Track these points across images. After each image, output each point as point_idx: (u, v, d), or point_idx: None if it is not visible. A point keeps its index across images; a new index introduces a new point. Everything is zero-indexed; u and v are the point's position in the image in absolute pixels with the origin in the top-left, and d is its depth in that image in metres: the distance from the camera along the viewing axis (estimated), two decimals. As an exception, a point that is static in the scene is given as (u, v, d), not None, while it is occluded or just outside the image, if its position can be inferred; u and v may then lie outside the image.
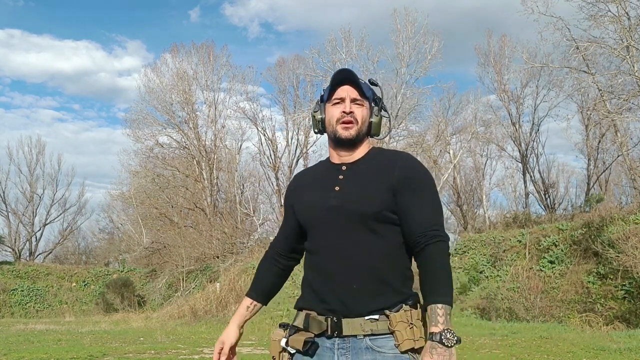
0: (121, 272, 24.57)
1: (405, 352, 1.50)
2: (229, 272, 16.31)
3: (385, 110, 1.78)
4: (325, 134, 1.77)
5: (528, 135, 23.74)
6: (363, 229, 1.56)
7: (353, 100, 1.67)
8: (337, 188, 1.64)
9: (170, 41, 61.59)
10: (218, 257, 19.77)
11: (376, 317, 1.52)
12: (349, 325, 1.53)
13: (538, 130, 23.64)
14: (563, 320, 10.81)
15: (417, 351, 1.50)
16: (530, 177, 23.83)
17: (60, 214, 31.81)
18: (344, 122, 1.66)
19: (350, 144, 1.68)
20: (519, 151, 23.90)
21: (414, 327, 1.51)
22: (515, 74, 21.70)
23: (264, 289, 1.85)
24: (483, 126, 26.12)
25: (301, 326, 1.61)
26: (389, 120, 1.84)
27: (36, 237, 30.75)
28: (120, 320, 16.59)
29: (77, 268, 25.80)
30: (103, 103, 51.61)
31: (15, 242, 29.15)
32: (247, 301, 1.83)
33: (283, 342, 1.63)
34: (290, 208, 1.78)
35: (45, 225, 31.06)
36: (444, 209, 32.87)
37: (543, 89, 22.72)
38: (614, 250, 11.11)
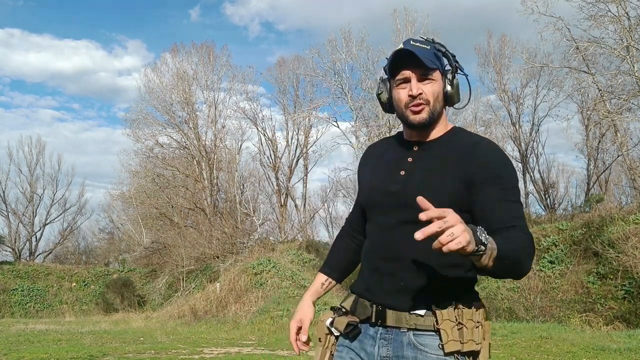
0: (121, 272, 24.56)
1: (451, 353, 1.36)
2: (229, 272, 16.31)
3: (462, 71, 1.53)
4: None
5: (528, 135, 23.74)
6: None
7: (420, 79, 1.46)
8: (402, 172, 1.49)
9: (171, 40, 61.69)
10: (218, 257, 19.77)
11: (422, 312, 1.40)
12: (393, 316, 1.44)
13: (538, 130, 23.64)
14: (563, 320, 10.81)
15: (467, 354, 1.37)
16: (530, 177, 23.83)
17: (60, 214, 31.85)
18: (413, 106, 1.46)
19: (424, 127, 1.48)
20: (519, 151, 23.89)
21: (464, 327, 1.36)
22: (515, 74, 21.71)
23: (339, 265, 1.73)
24: (483, 126, 26.11)
25: (349, 309, 1.54)
26: (468, 83, 1.58)
27: (36, 237, 30.79)
28: (120, 320, 16.59)
29: (77, 268, 25.79)
30: (103, 103, 51.64)
31: (15, 242, 29.15)
32: (322, 277, 1.71)
33: (328, 322, 1.56)
34: (360, 184, 1.66)
35: (45, 225, 31.10)
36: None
37: (543, 89, 22.73)
38: (614, 250, 11.11)
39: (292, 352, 8.49)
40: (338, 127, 23.94)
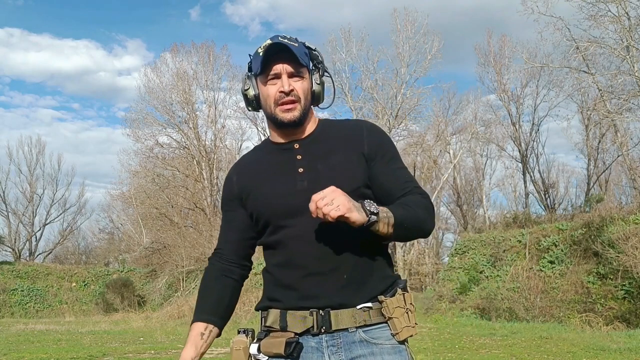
0: (121, 272, 24.56)
1: (403, 340, 1.36)
2: (229, 272, 16.31)
3: (327, 73, 1.51)
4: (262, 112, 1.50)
5: (528, 135, 23.76)
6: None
7: (291, 75, 1.41)
8: (300, 170, 1.42)
9: (171, 40, 61.73)
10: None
11: (369, 305, 1.35)
12: (339, 317, 1.33)
13: (538, 130, 23.67)
14: (563, 320, 10.81)
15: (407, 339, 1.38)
16: (530, 177, 23.85)
17: (60, 214, 31.85)
18: (284, 104, 1.40)
19: (295, 125, 1.43)
20: (519, 151, 23.91)
21: (409, 312, 1.37)
22: (515, 74, 21.73)
23: (219, 309, 1.49)
24: (483, 126, 26.15)
25: (276, 326, 1.38)
26: (333, 84, 1.57)
27: (36, 237, 30.80)
28: (120, 320, 16.59)
29: (77, 268, 25.79)
30: (103, 102, 51.60)
31: (15, 242, 29.17)
32: (200, 326, 1.45)
33: (254, 349, 1.38)
34: (239, 206, 1.50)
35: (45, 225, 31.10)
36: (444, 209, 32.88)
37: (543, 89, 22.75)
38: (614, 250, 11.11)
39: None
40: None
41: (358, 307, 1.35)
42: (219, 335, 1.50)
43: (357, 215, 1.24)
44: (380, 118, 22.93)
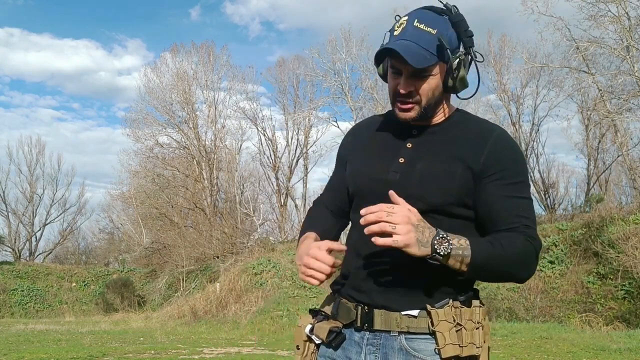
0: (121, 272, 24.57)
1: (448, 359, 1.21)
2: (229, 272, 16.31)
3: (471, 55, 1.32)
4: None
5: (528, 135, 23.73)
6: (426, 214, 1.23)
7: (413, 75, 1.27)
8: (401, 160, 1.32)
9: (171, 40, 61.77)
10: (218, 257, 19.77)
11: (415, 313, 1.25)
12: (382, 318, 1.27)
13: (538, 130, 23.64)
14: (563, 321, 10.82)
15: (468, 359, 1.23)
16: (530, 177, 23.82)
17: (60, 214, 31.84)
18: (400, 103, 1.30)
19: (412, 122, 1.33)
20: (519, 151, 23.88)
21: (463, 329, 1.22)
22: (515, 74, 21.73)
23: (325, 231, 1.44)
24: (483, 126, 26.14)
25: (330, 313, 1.37)
26: (478, 73, 1.36)
27: (36, 237, 30.79)
28: (120, 321, 16.60)
29: (77, 268, 25.80)
30: (103, 102, 51.57)
31: (15, 242, 29.16)
32: (313, 235, 1.42)
33: (307, 330, 1.38)
34: (343, 165, 1.46)
35: (45, 225, 31.09)
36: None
37: (543, 89, 22.71)
38: (614, 251, 11.11)
39: (292, 353, 8.47)
40: (338, 127, 23.96)
41: (402, 313, 1.26)
42: None
43: (416, 250, 1.14)
44: (380, 118, 22.94)
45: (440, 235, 1.15)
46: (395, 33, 1.29)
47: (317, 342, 1.37)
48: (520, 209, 1.26)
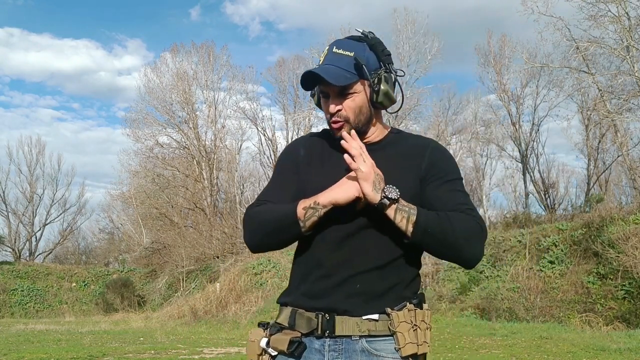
0: (121, 272, 24.57)
1: (407, 357, 1.33)
2: (229, 272, 16.31)
3: (392, 72, 1.44)
4: None
5: (528, 135, 23.74)
6: (382, 225, 1.35)
7: (339, 94, 1.39)
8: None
9: (171, 40, 61.80)
10: (218, 257, 19.77)
11: (375, 316, 1.34)
12: (343, 323, 1.34)
13: (538, 130, 23.65)
14: (563, 321, 10.81)
15: (420, 357, 1.36)
16: (530, 177, 23.84)
17: (60, 214, 31.84)
18: (332, 122, 1.42)
19: None
20: (519, 151, 23.90)
21: (418, 329, 1.34)
22: (515, 74, 21.73)
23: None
24: (483, 126, 26.14)
25: (286, 324, 1.40)
26: (400, 85, 1.48)
27: (36, 237, 30.79)
28: (120, 321, 16.60)
29: (77, 268, 25.80)
30: (103, 102, 51.63)
31: (15, 242, 29.15)
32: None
33: (263, 343, 1.41)
34: (295, 175, 1.48)
35: (45, 225, 31.09)
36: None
37: (543, 89, 22.73)
38: (614, 251, 11.11)
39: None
40: (338, 127, 23.95)
41: (364, 317, 1.35)
42: None
43: (369, 189, 1.31)
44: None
45: (392, 185, 1.32)
46: (320, 62, 1.43)
47: (274, 354, 1.40)
48: (461, 199, 1.40)
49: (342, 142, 1.35)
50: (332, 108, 1.40)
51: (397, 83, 1.46)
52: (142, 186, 27.00)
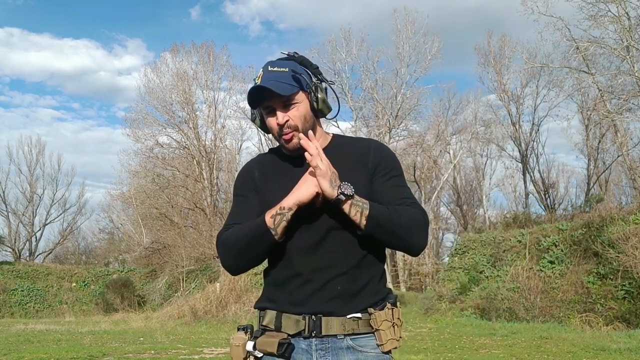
0: (121, 272, 24.57)
1: (387, 352, 1.45)
2: (229, 272, 16.29)
3: (324, 82, 1.55)
4: None
5: (528, 135, 23.76)
6: (348, 228, 1.44)
7: (285, 105, 1.48)
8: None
9: (171, 40, 61.82)
10: (218, 257, 19.76)
11: (358, 315, 1.44)
12: (329, 324, 1.42)
13: (538, 130, 23.67)
14: (563, 321, 10.81)
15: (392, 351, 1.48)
16: (530, 177, 23.85)
17: (60, 214, 31.84)
18: (283, 134, 1.48)
19: (300, 151, 1.47)
20: (519, 151, 23.91)
21: (396, 326, 1.45)
22: (515, 74, 21.73)
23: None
24: (483, 126, 26.16)
25: (272, 326, 1.45)
26: (335, 94, 1.60)
27: (36, 237, 30.79)
28: (120, 321, 16.59)
29: (77, 268, 25.80)
30: (103, 102, 51.68)
31: (15, 242, 29.16)
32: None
33: (249, 346, 1.45)
34: (255, 195, 1.55)
35: (45, 225, 31.09)
36: (444, 209, 32.86)
37: (543, 89, 22.75)
38: (614, 251, 11.11)
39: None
40: (338, 127, 23.89)
41: (348, 316, 1.43)
42: None
43: (327, 185, 1.38)
44: (380, 118, 22.93)
45: (347, 182, 1.40)
46: (256, 83, 1.49)
47: (259, 356, 1.45)
48: (405, 193, 1.51)
49: (302, 141, 1.42)
50: (282, 118, 1.47)
51: (333, 91, 1.59)
52: (142, 186, 27.00)
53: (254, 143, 28.33)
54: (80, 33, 53.23)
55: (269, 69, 1.50)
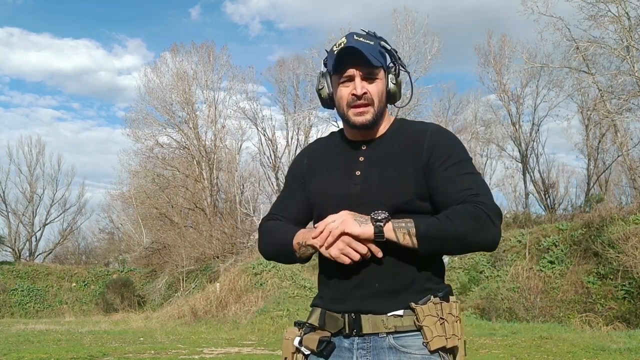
0: (121, 272, 24.56)
1: (435, 351, 1.32)
2: (229, 272, 16.31)
3: (405, 70, 1.50)
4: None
5: (528, 135, 23.74)
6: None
7: (365, 77, 1.40)
8: (357, 172, 1.43)
9: (171, 39, 61.83)
10: (218, 257, 19.77)
11: (400, 312, 1.35)
12: (369, 322, 1.36)
13: (538, 130, 23.64)
14: (563, 321, 10.81)
15: (450, 351, 1.34)
16: (530, 177, 23.83)
17: (60, 214, 31.82)
18: (355, 107, 1.41)
19: (367, 128, 1.44)
20: (519, 151, 23.90)
21: (446, 322, 1.33)
22: (515, 74, 21.72)
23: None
24: (483, 126, 26.15)
25: (316, 324, 1.43)
26: (411, 82, 1.58)
27: (36, 237, 30.78)
28: (120, 321, 16.60)
29: (77, 268, 25.79)
30: (103, 102, 51.61)
31: (15, 242, 29.14)
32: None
33: (296, 342, 1.45)
34: (301, 184, 1.54)
35: (45, 225, 31.07)
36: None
37: (543, 89, 22.73)
38: (614, 251, 11.11)
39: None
40: (338, 127, 23.89)
41: (389, 314, 1.36)
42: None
43: (356, 227, 1.29)
44: (380, 118, 22.92)
45: (377, 211, 1.31)
46: (335, 49, 1.42)
47: (307, 352, 1.43)
48: (465, 184, 1.35)
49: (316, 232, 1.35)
50: (360, 89, 1.39)
51: (410, 79, 1.52)
52: (142, 186, 27.00)
53: (254, 143, 28.36)
54: (80, 33, 53.28)
55: (355, 38, 1.41)
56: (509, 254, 14.04)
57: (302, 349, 1.43)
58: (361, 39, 1.41)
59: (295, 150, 26.38)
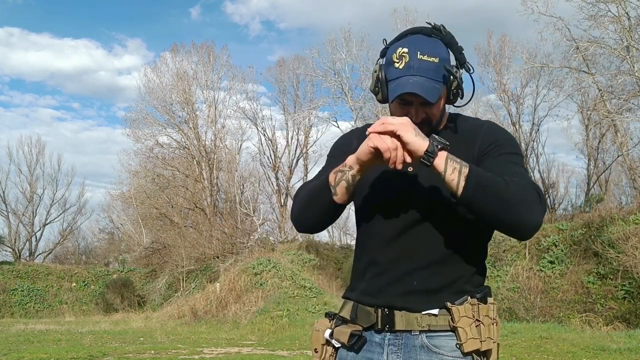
0: (121, 272, 24.56)
1: (469, 353, 1.28)
2: (229, 272, 16.31)
3: (468, 71, 1.38)
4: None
5: (528, 135, 23.72)
6: (437, 219, 1.34)
7: (423, 104, 1.33)
8: (410, 168, 1.37)
9: (171, 39, 61.84)
10: (218, 257, 19.77)
11: (435, 311, 1.31)
12: (403, 318, 1.33)
13: (538, 130, 23.63)
14: (563, 320, 10.81)
15: (483, 353, 1.30)
16: (530, 177, 23.82)
17: (60, 214, 31.80)
18: None
19: None
20: (519, 151, 23.88)
21: (482, 324, 1.29)
22: (515, 74, 21.72)
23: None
24: (483, 126, 26.13)
25: (348, 317, 1.40)
26: (472, 83, 1.41)
27: (36, 237, 30.76)
28: (120, 321, 16.59)
29: (77, 268, 25.79)
30: (103, 102, 51.56)
31: (15, 242, 29.13)
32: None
33: (327, 334, 1.42)
34: (344, 160, 1.42)
35: (45, 225, 31.06)
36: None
37: (543, 89, 22.71)
38: (614, 251, 11.11)
39: (292, 353, 8.49)
40: (338, 127, 23.95)
41: (423, 312, 1.32)
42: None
43: (411, 135, 1.20)
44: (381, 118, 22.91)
45: (436, 136, 1.22)
46: (399, 66, 1.33)
47: (337, 345, 1.41)
48: (517, 170, 1.29)
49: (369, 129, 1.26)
50: (418, 117, 1.33)
51: (471, 78, 1.40)
52: (142, 186, 27.00)
53: (254, 143, 28.37)
54: (80, 33, 53.26)
55: (419, 56, 1.31)
56: (509, 253, 14.05)
57: (333, 341, 1.41)
58: (425, 56, 1.30)
59: (296, 150, 26.42)
